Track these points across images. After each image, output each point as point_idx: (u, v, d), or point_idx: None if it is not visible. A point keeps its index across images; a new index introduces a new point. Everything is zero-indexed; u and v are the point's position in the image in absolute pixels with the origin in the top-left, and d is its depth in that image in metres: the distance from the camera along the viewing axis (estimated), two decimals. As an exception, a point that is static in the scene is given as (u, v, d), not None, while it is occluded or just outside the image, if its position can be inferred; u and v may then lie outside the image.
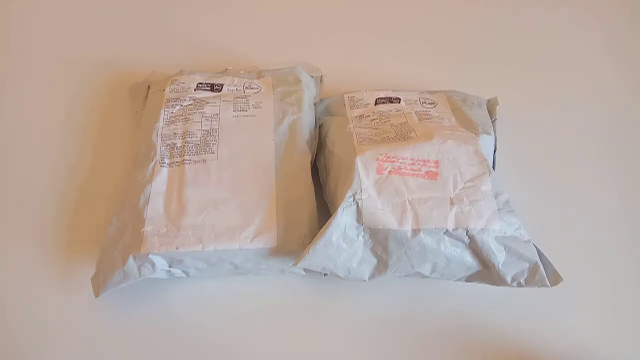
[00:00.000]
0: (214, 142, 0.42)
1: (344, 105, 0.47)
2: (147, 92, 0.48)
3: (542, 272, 0.37)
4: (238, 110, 0.45)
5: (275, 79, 0.48)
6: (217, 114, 0.44)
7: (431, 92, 0.49)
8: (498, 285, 0.38)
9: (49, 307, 0.39)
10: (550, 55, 0.60)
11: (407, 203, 0.37)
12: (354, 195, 0.37)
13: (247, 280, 0.41)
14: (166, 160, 0.41)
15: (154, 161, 0.41)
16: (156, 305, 0.40)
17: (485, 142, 0.43)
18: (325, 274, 0.39)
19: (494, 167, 0.44)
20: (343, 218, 0.37)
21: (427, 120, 0.45)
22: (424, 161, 0.39)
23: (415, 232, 0.36)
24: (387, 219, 0.36)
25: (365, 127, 0.44)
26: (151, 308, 0.39)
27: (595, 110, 0.55)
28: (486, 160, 0.40)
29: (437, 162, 0.39)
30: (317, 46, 0.59)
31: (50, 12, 0.61)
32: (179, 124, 0.43)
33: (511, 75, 0.58)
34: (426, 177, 0.38)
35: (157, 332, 0.38)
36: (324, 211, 0.42)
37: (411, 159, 0.39)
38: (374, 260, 0.37)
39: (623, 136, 0.53)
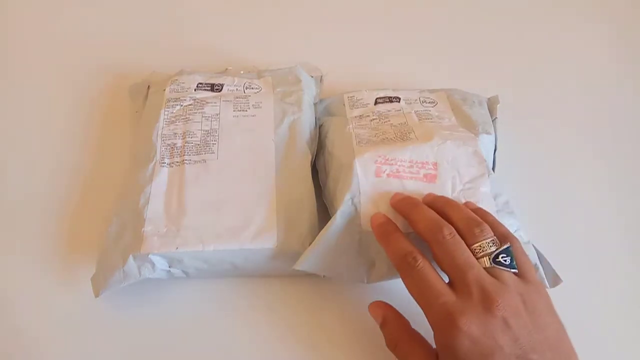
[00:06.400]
0: (214, 142, 0.42)
1: (344, 105, 0.47)
2: (147, 92, 0.48)
3: (542, 274, 0.37)
4: (238, 110, 0.45)
5: (275, 79, 0.48)
6: (217, 114, 0.44)
7: (431, 91, 0.49)
8: (497, 285, 0.38)
9: (48, 307, 0.39)
10: (553, 54, 0.60)
11: None
12: (352, 198, 0.37)
13: (247, 280, 0.41)
14: (166, 160, 0.41)
15: (154, 161, 0.41)
16: (156, 305, 0.40)
17: (485, 142, 0.43)
18: (324, 276, 0.39)
19: (494, 167, 0.44)
20: (342, 221, 0.37)
21: (427, 120, 0.45)
22: (423, 163, 0.39)
23: (414, 234, 0.36)
24: (386, 221, 0.36)
25: (365, 128, 0.44)
26: (151, 308, 0.40)
27: (598, 110, 0.55)
28: (485, 161, 0.40)
29: (435, 164, 0.39)
30: (317, 46, 0.59)
31: (50, 12, 0.61)
32: (179, 124, 0.44)
33: (512, 73, 0.57)
34: (424, 180, 0.38)
35: (157, 332, 0.38)
36: (324, 211, 0.42)
37: (409, 162, 0.39)
38: (374, 263, 0.37)
39: (624, 136, 0.52)
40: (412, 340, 0.33)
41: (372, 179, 0.38)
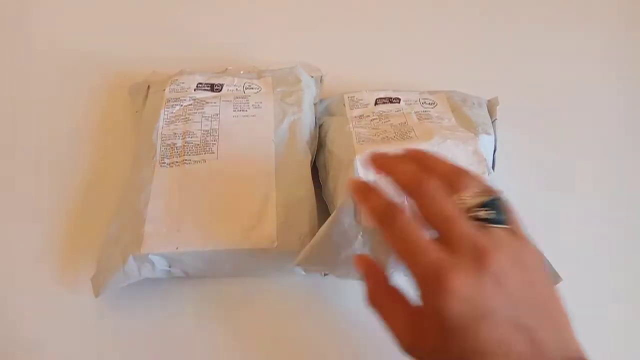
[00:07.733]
0: (214, 142, 0.42)
1: (344, 105, 0.47)
2: (147, 92, 0.48)
3: (542, 272, 0.37)
4: (238, 111, 0.45)
5: (275, 79, 0.48)
6: (217, 114, 0.44)
7: (431, 93, 0.49)
8: (497, 285, 0.38)
9: (48, 307, 0.39)
10: (553, 56, 0.60)
11: (406, 202, 0.37)
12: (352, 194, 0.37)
13: (247, 280, 0.41)
14: (166, 160, 0.41)
15: (154, 161, 0.41)
16: (156, 305, 0.40)
17: (485, 142, 0.43)
18: (325, 274, 0.39)
19: (493, 167, 0.44)
20: (341, 218, 0.37)
21: (427, 120, 0.45)
22: (423, 161, 0.39)
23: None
24: (386, 219, 0.36)
25: (365, 127, 0.44)
26: (151, 308, 0.39)
27: (597, 110, 0.55)
28: (485, 160, 0.40)
29: (436, 162, 0.39)
30: (317, 46, 0.59)
31: (49, 11, 0.61)
32: (179, 124, 0.44)
33: (512, 75, 0.57)
34: None
35: (157, 332, 0.38)
36: (324, 211, 0.42)
37: None
38: (374, 259, 0.37)
39: (624, 136, 0.53)
40: (391, 296, 0.30)
41: (372, 176, 0.38)
